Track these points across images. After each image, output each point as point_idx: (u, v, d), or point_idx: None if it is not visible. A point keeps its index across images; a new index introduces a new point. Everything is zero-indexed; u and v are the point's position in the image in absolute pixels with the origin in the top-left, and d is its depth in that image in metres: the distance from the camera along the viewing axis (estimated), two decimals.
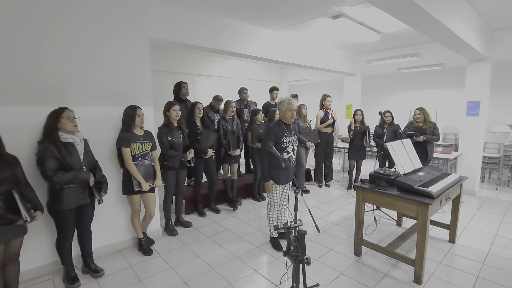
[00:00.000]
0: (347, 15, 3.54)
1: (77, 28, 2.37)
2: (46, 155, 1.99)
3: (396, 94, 8.93)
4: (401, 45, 5.36)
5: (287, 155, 2.65)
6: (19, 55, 2.14)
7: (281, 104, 2.67)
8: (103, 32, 2.51)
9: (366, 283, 2.33)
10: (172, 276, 2.43)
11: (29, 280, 2.29)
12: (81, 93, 2.46)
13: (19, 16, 2.11)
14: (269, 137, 2.62)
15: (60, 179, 2.02)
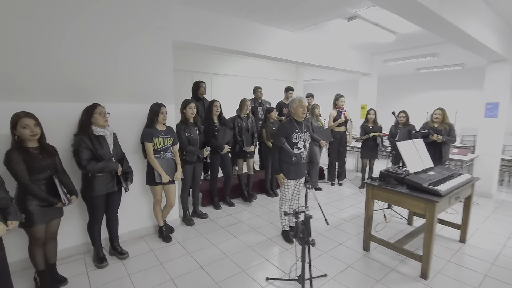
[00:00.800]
0: (362, 16, 3.60)
1: (106, 31, 2.60)
2: (81, 146, 2.23)
3: (413, 95, 8.81)
4: (418, 45, 5.32)
5: (297, 151, 2.74)
6: (57, 58, 2.39)
7: (292, 102, 2.79)
8: (129, 35, 2.73)
9: (372, 276, 2.43)
10: (190, 261, 2.63)
11: (63, 258, 2.55)
12: (111, 91, 2.69)
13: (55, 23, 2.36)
14: (280, 133, 2.75)
15: (93, 168, 2.25)
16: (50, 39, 2.34)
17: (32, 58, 2.28)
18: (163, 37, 2.96)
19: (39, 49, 2.30)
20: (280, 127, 2.81)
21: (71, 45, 2.44)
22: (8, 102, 2.15)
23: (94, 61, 2.57)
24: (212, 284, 2.29)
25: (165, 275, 2.40)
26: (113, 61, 2.67)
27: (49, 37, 2.33)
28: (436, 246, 2.94)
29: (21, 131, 1.88)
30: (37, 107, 2.13)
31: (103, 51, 2.61)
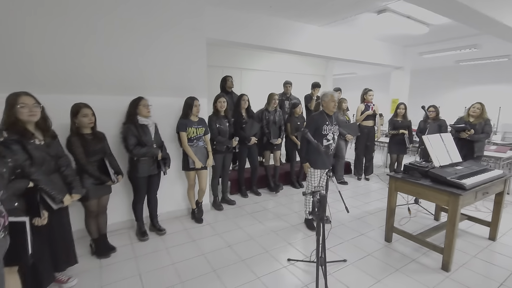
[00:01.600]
0: (392, 9, 3.57)
1: (149, 33, 2.92)
2: (129, 134, 2.56)
3: (452, 89, 8.33)
4: (456, 36, 5.06)
5: (326, 142, 2.88)
6: (108, 57, 2.74)
7: (325, 96, 2.93)
8: (168, 35, 3.03)
9: (392, 265, 2.50)
10: (219, 240, 2.89)
11: (112, 231, 2.94)
12: (152, 85, 3.02)
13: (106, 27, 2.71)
14: (310, 124, 2.93)
15: (138, 152, 2.59)
16: (101, 41, 2.69)
17: (86, 57, 2.65)
18: (198, 36, 3.22)
19: (92, 49, 2.66)
20: (311, 118, 2.98)
21: (118, 45, 2.78)
22: (66, 95, 2.52)
23: (138, 59, 2.90)
24: (238, 260, 2.53)
25: (197, 250, 2.69)
26: (154, 58, 2.99)
27: (100, 39, 2.69)
28: (463, 242, 2.92)
29: (81, 119, 2.23)
30: (90, 99, 2.47)
31: (146, 50, 2.93)
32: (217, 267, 2.43)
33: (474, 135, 3.70)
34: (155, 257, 2.58)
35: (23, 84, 2.08)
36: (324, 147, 2.86)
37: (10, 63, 2.34)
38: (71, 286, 2.13)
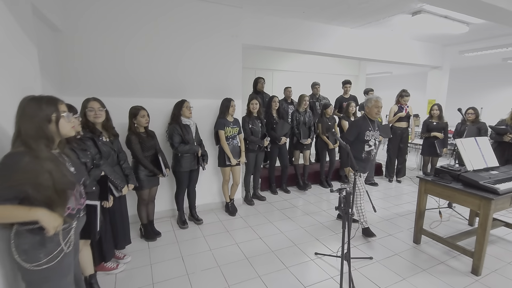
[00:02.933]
0: (428, 10, 3.53)
1: (192, 42, 3.23)
2: (174, 132, 2.89)
3: (496, 89, 7.78)
4: (501, 34, 4.79)
5: (368, 148, 2.86)
6: (156, 65, 3.10)
7: (368, 101, 2.90)
8: (208, 42, 3.32)
9: (419, 265, 2.56)
10: (250, 232, 3.13)
11: (157, 218, 3.31)
12: (193, 89, 3.34)
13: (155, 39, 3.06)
14: (352, 129, 2.90)
15: (182, 149, 2.91)
16: (153, 51, 3.06)
17: (140, 65, 3.03)
18: (234, 42, 3.48)
19: (144, 58, 3.04)
20: (355, 124, 2.95)
21: (166, 55, 3.13)
22: (125, 98, 2.92)
23: (182, 65, 3.24)
24: (268, 251, 2.74)
25: (231, 240, 2.96)
26: (195, 64, 3.31)
27: (152, 50, 3.06)
28: (498, 248, 2.86)
29: (140, 119, 2.59)
30: (142, 102, 2.83)
31: (189, 57, 3.26)
32: (249, 256, 2.66)
33: None
34: (194, 243, 2.89)
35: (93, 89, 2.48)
36: (365, 152, 2.86)
37: (83, 72, 2.78)
38: (126, 262, 2.50)
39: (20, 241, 1.20)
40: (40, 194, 1.16)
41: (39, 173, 1.15)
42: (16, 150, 1.16)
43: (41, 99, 1.25)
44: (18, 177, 1.12)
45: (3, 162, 1.13)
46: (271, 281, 2.30)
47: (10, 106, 1.36)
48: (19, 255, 1.19)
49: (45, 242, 1.22)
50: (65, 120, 1.30)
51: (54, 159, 1.25)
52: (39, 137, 1.20)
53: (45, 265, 1.21)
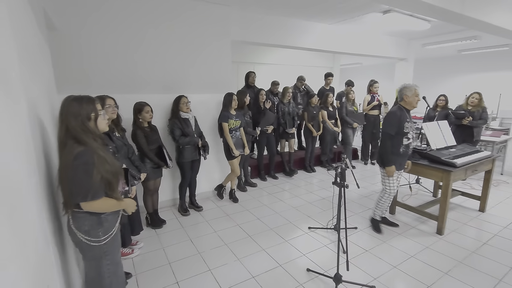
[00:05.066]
0: (396, 9, 3.97)
1: (185, 40, 3.40)
2: (175, 127, 3.08)
3: (453, 78, 8.65)
4: (457, 29, 5.41)
5: (407, 141, 2.67)
6: (157, 63, 3.24)
7: (407, 89, 2.64)
8: (199, 39, 3.49)
9: (395, 231, 3.03)
10: (248, 215, 3.44)
11: (159, 208, 3.50)
12: (189, 84, 3.51)
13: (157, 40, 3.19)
14: (393, 122, 2.63)
15: (182, 141, 3.11)
16: (151, 50, 3.20)
17: (144, 63, 3.17)
18: (224, 38, 3.68)
19: (147, 57, 3.17)
20: (393, 116, 2.66)
21: (164, 53, 3.29)
22: (130, 94, 3.03)
23: (177, 62, 3.39)
24: (268, 229, 3.07)
25: (232, 222, 3.25)
26: (189, 61, 3.47)
27: (150, 49, 3.19)
28: (457, 213, 3.43)
29: (144, 115, 2.75)
30: (142, 98, 2.97)
31: (185, 55, 3.42)
32: (251, 234, 2.98)
33: (473, 122, 4.14)
34: (199, 228, 3.14)
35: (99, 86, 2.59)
36: (403, 146, 2.68)
37: (81, 71, 2.85)
38: (140, 247, 2.70)
39: (80, 223, 1.40)
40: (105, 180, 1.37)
41: (103, 162, 1.35)
42: (79, 150, 1.32)
43: (82, 99, 1.43)
44: (98, 172, 1.33)
45: (79, 163, 1.30)
46: (274, 252, 2.63)
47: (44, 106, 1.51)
48: (82, 234, 1.39)
49: (102, 222, 1.43)
50: (101, 117, 1.49)
51: (103, 149, 1.45)
52: (85, 132, 1.38)
53: (104, 241, 1.43)
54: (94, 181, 1.33)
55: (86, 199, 1.34)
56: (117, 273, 1.60)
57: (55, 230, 1.49)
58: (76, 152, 1.32)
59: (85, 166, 1.32)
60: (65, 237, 1.66)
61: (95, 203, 1.36)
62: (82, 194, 1.33)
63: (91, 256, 1.46)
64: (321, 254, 2.61)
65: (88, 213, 1.40)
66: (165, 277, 2.30)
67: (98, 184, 1.35)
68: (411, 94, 2.63)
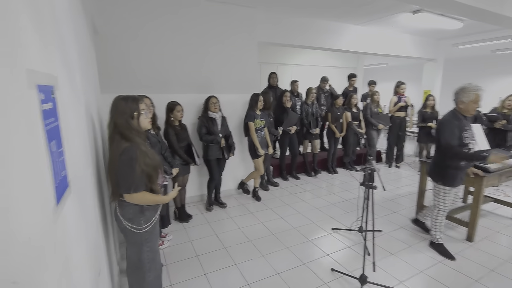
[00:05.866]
0: (427, 9, 3.86)
1: (215, 42, 3.52)
2: (201, 125, 3.21)
3: (487, 79, 8.24)
4: (492, 28, 5.17)
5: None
6: (188, 64, 3.38)
7: (466, 93, 2.25)
8: (227, 40, 3.60)
9: (422, 235, 2.97)
10: (271, 213, 3.50)
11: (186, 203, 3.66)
12: (217, 84, 3.64)
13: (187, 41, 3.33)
14: (453, 131, 2.30)
15: (206, 139, 3.23)
16: (185, 53, 3.35)
17: (175, 65, 3.33)
18: (251, 40, 3.77)
19: (178, 58, 3.33)
20: (450, 125, 2.32)
21: (195, 54, 3.43)
22: (164, 94, 3.19)
23: (206, 64, 3.52)
24: (290, 228, 3.12)
25: (255, 220, 3.32)
26: (219, 64, 3.60)
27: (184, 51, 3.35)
28: (488, 221, 3.30)
29: (176, 114, 2.89)
30: (177, 97, 3.12)
31: (214, 57, 3.57)
32: (274, 232, 3.03)
33: (508, 125, 3.95)
34: (223, 223, 3.24)
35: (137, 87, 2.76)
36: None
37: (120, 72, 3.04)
38: (169, 239, 2.84)
39: (125, 211, 1.53)
40: (145, 173, 1.49)
41: (144, 156, 1.47)
42: (125, 146, 1.46)
43: (128, 99, 1.56)
44: (139, 166, 1.45)
45: (124, 158, 1.43)
46: (298, 251, 2.68)
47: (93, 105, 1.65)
48: (126, 221, 1.52)
49: (144, 211, 1.55)
50: (144, 116, 1.61)
51: (145, 144, 1.57)
52: (129, 129, 1.51)
53: (145, 229, 1.55)
54: (136, 174, 1.44)
55: (129, 191, 1.46)
56: (155, 260, 1.72)
57: (102, 217, 1.63)
58: (123, 148, 1.45)
59: (130, 161, 1.44)
60: (108, 224, 1.81)
61: (136, 195, 1.48)
62: (126, 186, 1.45)
63: (133, 242, 1.58)
64: (345, 255, 2.62)
65: (132, 203, 1.52)
66: (194, 269, 2.41)
67: (139, 177, 1.46)
68: (468, 100, 2.24)
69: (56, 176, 0.75)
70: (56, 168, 0.76)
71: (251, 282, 2.24)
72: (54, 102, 0.81)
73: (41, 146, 0.67)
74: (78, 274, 0.88)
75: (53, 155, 0.75)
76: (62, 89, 0.92)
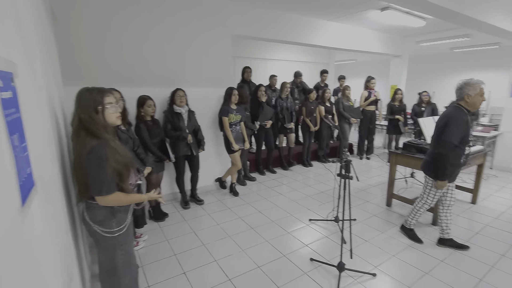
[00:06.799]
0: (394, 6, 4.04)
1: (184, 34, 3.39)
2: (165, 120, 3.11)
3: (446, 74, 8.86)
4: (451, 27, 5.54)
5: (468, 150, 2.35)
6: (157, 57, 3.23)
7: (470, 87, 2.17)
8: (199, 32, 3.50)
9: (392, 222, 3.14)
10: (249, 208, 3.50)
11: None
12: (188, 78, 3.52)
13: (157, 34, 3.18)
14: (459, 128, 2.18)
15: (170, 135, 3.12)
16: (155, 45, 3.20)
17: (147, 57, 3.18)
18: (225, 33, 3.69)
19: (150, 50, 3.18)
20: (461, 122, 2.18)
21: (167, 46, 3.29)
22: (134, 88, 3.02)
23: (176, 56, 3.40)
24: (269, 221, 3.14)
25: (234, 215, 3.30)
26: (188, 55, 3.48)
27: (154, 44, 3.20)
28: None
29: (147, 109, 2.76)
30: (149, 91, 2.98)
31: (187, 51, 3.43)
32: (253, 226, 3.04)
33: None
34: (201, 220, 3.18)
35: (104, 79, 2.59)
36: (464, 156, 2.34)
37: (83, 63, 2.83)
38: (145, 239, 2.73)
39: (94, 213, 1.42)
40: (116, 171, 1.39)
41: (115, 153, 1.37)
42: (93, 144, 1.33)
43: (93, 90, 1.43)
44: (109, 165, 1.34)
45: (93, 157, 1.31)
46: (277, 243, 2.70)
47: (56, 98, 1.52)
48: (96, 225, 1.42)
49: (115, 213, 1.45)
50: (110, 110, 1.45)
51: (114, 140, 1.46)
52: (96, 124, 1.37)
53: (117, 232, 1.46)
54: (107, 175, 1.34)
55: (101, 193, 1.35)
56: (130, 263, 1.63)
57: (71, 219, 1.51)
58: (90, 146, 1.33)
59: (99, 160, 1.32)
60: (77, 226, 1.69)
61: (110, 197, 1.37)
62: (97, 188, 1.34)
63: (105, 246, 1.48)
64: (323, 245, 2.70)
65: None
66: (172, 268, 2.34)
67: (111, 177, 1.36)
68: (474, 93, 2.17)
69: (20, 174, 0.67)
70: (20, 164, 0.68)
71: (232, 277, 2.22)
72: (14, 91, 0.72)
73: (2, 139, 0.59)
74: (48, 281, 0.80)
75: (16, 150, 0.66)
76: (22, 78, 0.82)
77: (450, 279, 2.21)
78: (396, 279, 2.21)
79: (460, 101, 2.27)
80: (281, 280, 2.19)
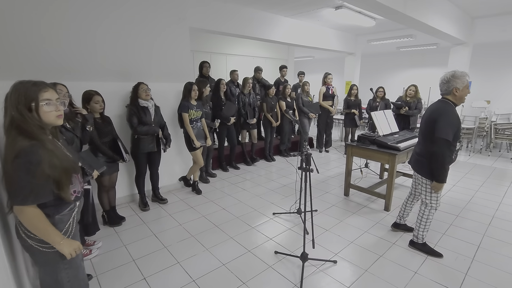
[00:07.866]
0: (347, 6, 4.24)
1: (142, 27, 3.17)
2: (132, 114, 2.89)
3: (394, 72, 9.61)
4: (397, 27, 6.01)
5: (458, 146, 2.29)
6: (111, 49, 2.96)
7: (458, 80, 2.06)
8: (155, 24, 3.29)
9: (350, 210, 3.32)
10: (213, 205, 3.43)
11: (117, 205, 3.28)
12: (146, 72, 3.30)
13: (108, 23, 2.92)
14: (452, 124, 2.06)
15: (141, 130, 2.93)
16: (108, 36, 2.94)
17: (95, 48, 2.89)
18: (182, 26, 3.53)
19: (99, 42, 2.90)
20: (452, 116, 2.06)
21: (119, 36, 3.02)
22: (78, 82, 2.72)
23: (131, 48, 3.15)
24: (234, 218, 3.11)
25: (197, 214, 3.20)
26: (148, 50, 3.26)
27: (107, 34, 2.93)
28: (399, 192, 3.88)
29: (93, 105, 2.52)
30: (97, 86, 2.72)
31: (141, 42, 3.19)
32: (217, 224, 2.98)
33: (409, 111, 4.67)
34: (162, 222, 3.03)
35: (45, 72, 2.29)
36: (455, 153, 2.24)
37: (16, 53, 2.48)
38: (99, 247, 2.51)
39: None
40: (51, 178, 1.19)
41: (52, 157, 1.19)
42: (23, 146, 1.13)
43: (27, 84, 1.22)
44: (43, 170, 1.14)
45: (21, 162, 1.11)
46: (242, 239, 2.69)
47: None
48: (31, 240, 1.23)
49: (56, 224, 1.25)
50: (47, 108, 1.22)
51: (52, 142, 1.28)
52: (28, 123, 1.17)
53: None
54: (34, 183, 1.14)
55: (26, 202, 1.15)
56: (79, 277, 1.44)
57: (5, 230, 1.31)
58: (19, 149, 1.13)
59: (27, 165, 1.12)
60: (12, 238, 1.48)
61: (28, 210, 1.16)
62: (22, 196, 1.14)
63: (44, 261, 1.29)
64: (287, 237, 2.74)
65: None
66: (131, 275, 2.19)
67: (41, 186, 1.16)
68: (462, 86, 2.07)
69: None
70: None
71: (196, 278, 2.15)
72: None
73: None
74: None
75: None
76: None
77: (402, 260, 2.39)
78: (354, 264, 2.34)
79: (448, 95, 2.15)
80: (246, 276, 2.18)
